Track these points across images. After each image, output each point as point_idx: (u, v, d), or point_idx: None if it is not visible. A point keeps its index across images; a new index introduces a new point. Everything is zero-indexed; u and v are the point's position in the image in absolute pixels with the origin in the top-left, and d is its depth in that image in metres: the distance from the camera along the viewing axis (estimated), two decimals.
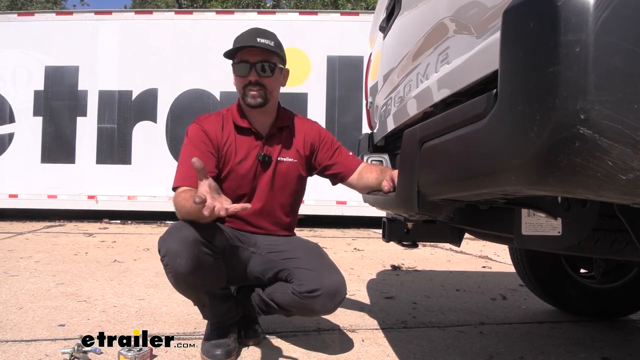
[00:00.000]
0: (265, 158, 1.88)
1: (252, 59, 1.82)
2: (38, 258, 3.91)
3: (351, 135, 6.77)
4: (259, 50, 1.82)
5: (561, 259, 2.46)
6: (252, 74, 1.82)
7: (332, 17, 7.38)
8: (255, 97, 1.83)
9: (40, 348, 1.83)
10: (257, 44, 1.79)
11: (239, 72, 1.85)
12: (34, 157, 7.19)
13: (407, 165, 1.25)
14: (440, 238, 2.02)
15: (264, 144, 1.90)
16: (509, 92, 0.74)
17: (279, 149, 1.92)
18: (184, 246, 1.58)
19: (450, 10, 1.18)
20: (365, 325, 2.26)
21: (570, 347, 2.02)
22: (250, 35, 1.83)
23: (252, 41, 1.80)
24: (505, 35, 0.75)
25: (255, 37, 1.81)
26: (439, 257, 4.58)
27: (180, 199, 1.66)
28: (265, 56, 1.83)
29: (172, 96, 7.17)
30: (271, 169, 1.90)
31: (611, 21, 0.62)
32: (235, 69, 1.85)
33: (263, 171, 1.89)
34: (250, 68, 1.82)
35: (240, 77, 1.85)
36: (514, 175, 0.73)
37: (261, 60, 1.82)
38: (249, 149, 1.89)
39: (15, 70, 7.23)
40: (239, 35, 1.88)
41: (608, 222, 1.23)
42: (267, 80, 1.84)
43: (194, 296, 1.77)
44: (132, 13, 7.88)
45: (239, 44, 1.82)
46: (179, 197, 1.68)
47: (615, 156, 0.62)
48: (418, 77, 1.47)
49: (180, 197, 1.66)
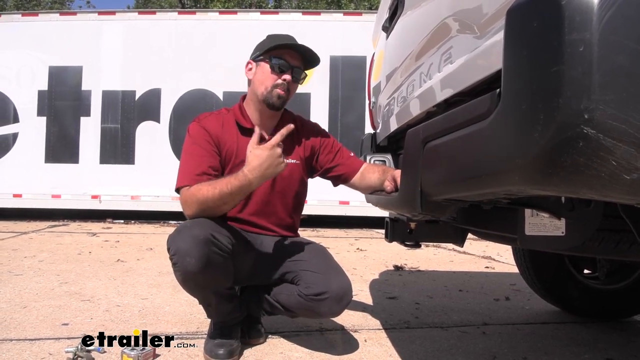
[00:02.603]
0: None
1: (292, 62, 1.82)
2: (42, 257, 3.92)
3: (354, 135, 6.76)
4: (300, 55, 1.84)
5: (565, 259, 2.45)
6: (288, 74, 1.81)
7: (335, 17, 7.38)
8: (280, 98, 1.82)
9: (44, 347, 1.84)
10: (304, 48, 1.81)
11: (277, 69, 1.81)
12: (38, 157, 7.21)
13: (410, 165, 1.25)
14: (443, 238, 2.02)
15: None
16: (513, 92, 0.73)
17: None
18: (194, 245, 1.57)
19: (453, 10, 1.18)
20: (368, 325, 2.26)
21: (574, 348, 2.01)
22: (292, 38, 1.85)
23: (296, 44, 1.81)
24: (509, 34, 0.75)
25: (299, 43, 1.83)
26: (442, 258, 4.57)
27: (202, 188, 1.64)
28: (300, 64, 1.85)
29: (175, 96, 7.18)
30: None
31: (615, 20, 0.62)
32: (274, 64, 1.81)
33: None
34: (288, 69, 1.81)
35: (275, 73, 1.82)
36: (518, 175, 0.72)
37: (299, 66, 1.84)
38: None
39: (19, 70, 7.25)
40: (274, 34, 1.90)
41: (612, 222, 1.22)
42: (294, 88, 1.86)
43: (201, 295, 1.77)
44: (136, 13, 7.90)
45: (284, 42, 1.82)
46: (196, 188, 1.66)
47: (620, 156, 0.62)
48: (421, 77, 1.47)
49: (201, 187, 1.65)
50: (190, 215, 1.68)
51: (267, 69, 1.82)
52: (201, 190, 1.64)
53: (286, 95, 1.84)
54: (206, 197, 1.63)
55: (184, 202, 1.70)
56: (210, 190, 1.62)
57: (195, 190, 1.66)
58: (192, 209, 1.67)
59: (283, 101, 1.84)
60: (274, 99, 1.82)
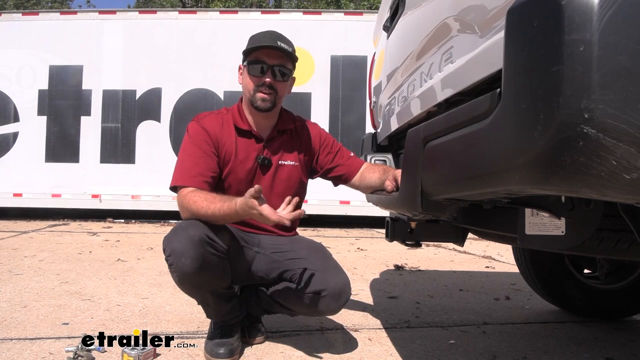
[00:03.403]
0: (265, 161, 1.86)
1: (270, 61, 1.79)
2: (42, 257, 3.93)
3: (354, 135, 6.77)
4: (278, 53, 1.79)
5: (565, 259, 2.45)
6: (268, 75, 1.79)
7: (336, 17, 7.38)
8: (265, 101, 1.80)
9: (45, 346, 1.84)
10: (277, 46, 1.76)
11: (253, 72, 1.80)
12: (38, 156, 7.21)
13: (410, 165, 1.25)
14: (444, 238, 2.02)
15: (264, 147, 1.88)
16: (513, 91, 0.74)
17: (280, 152, 1.91)
18: (189, 245, 1.58)
19: (454, 9, 1.18)
20: (368, 324, 2.26)
21: (574, 348, 2.01)
22: (270, 37, 1.80)
23: (272, 42, 1.77)
24: (510, 34, 0.75)
25: (276, 40, 1.78)
26: (443, 257, 4.58)
27: (199, 200, 1.64)
28: (282, 60, 1.81)
29: (176, 96, 7.18)
30: (271, 172, 1.88)
31: (615, 20, 0.62)
32: (250, 68, 1.81)
33: (263, 174, 1.87)
34: (266, 69, 1.79)
35: (254, 76, 1.81)
36: (518, 175, 0.73)
37: (278, 64, 1.80)
38: (249, 151, 1.86)
39: (19, 69, 7.26)
40: (255, 34, 1.85)
41: (612, 221, 1.22)
42: (280, 85, 1.83)
43: (198, 295, 1.77)
44: (136, 12, 7.88)
45: (258, 44, 1.78)
46: (193, 198, 1.66)
47: (620, 155, 0.62)
48: (422, 77, 1.47)
49: (197, 199, 1.64)
50: (185, 218, 1.70)
51: (248, 73, 1.82)
52: (197, 202, 1.64)
53: (272, 97, 1.81)
54: (199, 212, 1.64)
55: (180, 205, 1.72)
56: (204, 208, 1.63)
57: (191, 201, 1.66)
58: (185, 215, 1.70)
59: (269, 103, 1.81)
60: (259, 102, 1.80)
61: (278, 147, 1.91)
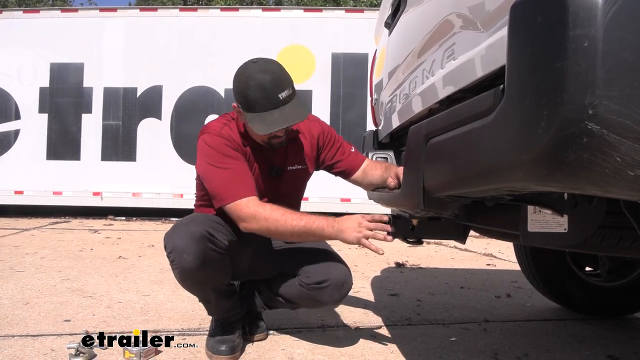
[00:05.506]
0: (277, 172, 1.83)
1: (281, 132, 1.70)
2: (44, 254, 3.93)
3: (356, 132, 6.75)
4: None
5: (566, 256, 2.45)
6: (280, 131, 1.69)
7: (337, 14, 7.35)
8: (280, 140, 1.74)
9: (46, 343, 1.84)
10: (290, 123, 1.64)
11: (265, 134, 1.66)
12: (40, 153, 7.21)
13: (412, 162, 1.25)
14: (445, 235, 2.01)
15: (273, 157, 1.82)
16: (517, 88, 0.73)
17: (289, 158, 1.86)
18: (190, 242, 1.58)
19: (456, 6, 1.18)
20: (369, 321, 2.26)
21: (575, 345, 2.01)
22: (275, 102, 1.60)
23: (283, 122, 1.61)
24: (513, 30, 0.75)
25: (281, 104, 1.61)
26: (444, 255, 4.58)
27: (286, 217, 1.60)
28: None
29: (177, 93, 7.16)
30: (282, 178, 1.85)
31: (620, 15, 0.62)
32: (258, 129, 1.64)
33: (271, 180, 1.83)
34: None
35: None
36: (521, 171, 0.72)
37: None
38: (259, 160, 1.80)
39: (20, 67, 7.24)
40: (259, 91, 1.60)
41: (614, 219, 1.22)
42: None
43: (200, 292, 1.77)
44: (137, 10, 7.86)
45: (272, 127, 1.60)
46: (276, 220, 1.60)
47: (624, 152, 0.62)
48: (424, 74, 1.47)
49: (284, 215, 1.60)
50: (249, 228, 1.64)
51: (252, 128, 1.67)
52: (284, 219, 1.60)
53: (284, 135, 1.74)
54: (277, 227, 1.60)
55: (252, 216, 1.61)
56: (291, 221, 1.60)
57: (268, 215, 1.60)
58: (258, 225, 1.63)
59: (283, 139, 1.75)
60: (274, 144, 1.74)
61: (287, 154, 1.85)
